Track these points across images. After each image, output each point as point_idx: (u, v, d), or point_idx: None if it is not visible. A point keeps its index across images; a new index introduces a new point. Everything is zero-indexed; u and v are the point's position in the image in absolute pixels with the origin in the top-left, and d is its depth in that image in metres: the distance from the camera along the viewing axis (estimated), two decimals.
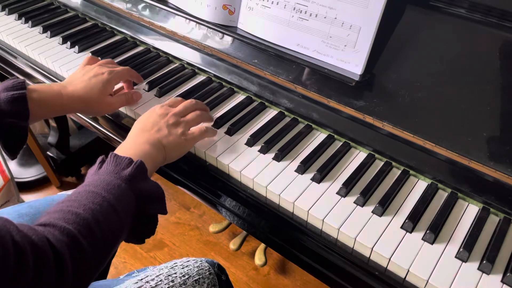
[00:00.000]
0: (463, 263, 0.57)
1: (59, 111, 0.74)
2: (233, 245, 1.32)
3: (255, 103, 0.84)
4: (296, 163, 0.70)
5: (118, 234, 0.52)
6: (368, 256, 0.60)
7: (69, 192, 0.84)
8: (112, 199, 0.51)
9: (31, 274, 0.39)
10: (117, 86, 0.83)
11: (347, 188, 0.66)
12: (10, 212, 0.76)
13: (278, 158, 0.71)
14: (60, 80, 0.93)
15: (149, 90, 0.87)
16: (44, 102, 0.70)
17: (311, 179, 0.68)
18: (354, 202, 0.65)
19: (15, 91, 0.66)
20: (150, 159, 0.61)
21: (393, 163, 0.71)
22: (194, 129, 0.70)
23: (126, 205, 0.53)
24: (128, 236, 0.56)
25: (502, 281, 0.55)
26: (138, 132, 0.66)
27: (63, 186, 1.63)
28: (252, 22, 0.81)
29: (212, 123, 0.77)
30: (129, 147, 0.63)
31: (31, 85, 0.70)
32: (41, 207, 0.78)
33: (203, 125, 0.72)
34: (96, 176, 0.54)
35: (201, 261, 0.77)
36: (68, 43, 1.00)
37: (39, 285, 0.40)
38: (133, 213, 0.54)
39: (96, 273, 0.49)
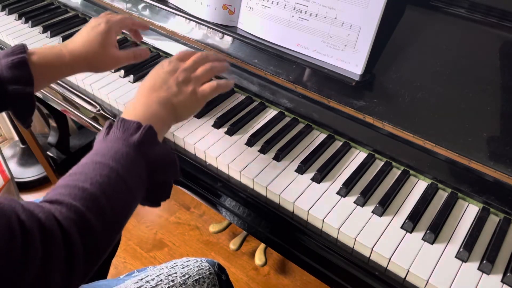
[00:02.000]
0: (463, 263, 0.57)
1: (64, 71, 0.70)
2: (233, 245, 1.32)
3: (255, 103, 0.84)
4: (296, 163, 0.70)
5: (129, 204, 0.49)
6: (368, 256, 0.60)
7: None
8: (120, 169, 0.48)
9: (40, 253, 0.38)
10: None
11: (347, 188, 0.66)
12: None
13: (278, 158, 0.71)
14: (60, 80, 0.93)
15: None
16: (46, 64, 0.66)
17: (311, 179, 0.68)
18: (354, 202, 0.65)
19: (13, 56, 0.63)
20: (160, 121, 0.58)
21: (393, 163, 0.71)
22: (205, 86, 0.65)
23: (136, 174, 0.50)
24: (143, 199, 0.54)
25: (502, 281, 0.55)
26: (146, 91, 0.61)
27: None
28: (252, 22, 0.81)
29: (227, 69, 0.71)
30: (138, 109, 0.59)
31: (31, 48, 0.67)
32: None
33: (214, 81, 0.66)
34: (103, 143, 0.51)
35: (201, 261, 0.77)
36: None
37: (50, 264, 0.39)
38: (144, 180, 0.51)
39: (109, 248, 0.47)
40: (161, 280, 0.71)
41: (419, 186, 0.68)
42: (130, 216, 0.50)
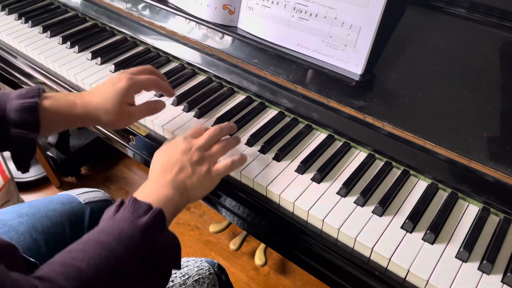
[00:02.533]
0: (463, 263, 0.57)
1: (73, 123, 0.68)
2: (233, 245, 1.32)
3: (255, 103, 0.84)
4: (296, 163, 0.70)
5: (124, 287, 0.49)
6: (368, 256, 0.60)
7: (70, 192, 0.85)
8: (122, 251, 0.47)
9: None
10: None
11: (347, 188, 0.66)
12: (10, 212, 0.76)
13: (278, 158, 0.71)
14: (60, 80, 0.93)
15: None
16: (56, 112, 0.64)
17: (311, 179, 0.68)
18: (354, 202, 0.65)
19: (25, 99, 0.61)
20: (172, 204, 0.57)
21: (393, 163, 0.71)
22: (220, 166, 0.64)
23: (137, 258, 0.49)
24: (140, 283, 0.52)
25: (502, 281, 0.55)
26: (161, 172, 0.61)
27: (63, 186, 1.63)
28: (252, 22, 0.81)
29: (240, 144, 0.71)
30: (151, 190, 0.58)
31: (46, 92, 0.65)
32: (41, 207, 0.78)
33: (228, 159, 0.65)
34: (111, 221, 0.51)
35: (201, 261, 0.77)
36: (68, 43, 1.00)
37: None
38: (144, 265, 0.50)
39: None
40: None
41: (419, 186, 0.68)
42: None
